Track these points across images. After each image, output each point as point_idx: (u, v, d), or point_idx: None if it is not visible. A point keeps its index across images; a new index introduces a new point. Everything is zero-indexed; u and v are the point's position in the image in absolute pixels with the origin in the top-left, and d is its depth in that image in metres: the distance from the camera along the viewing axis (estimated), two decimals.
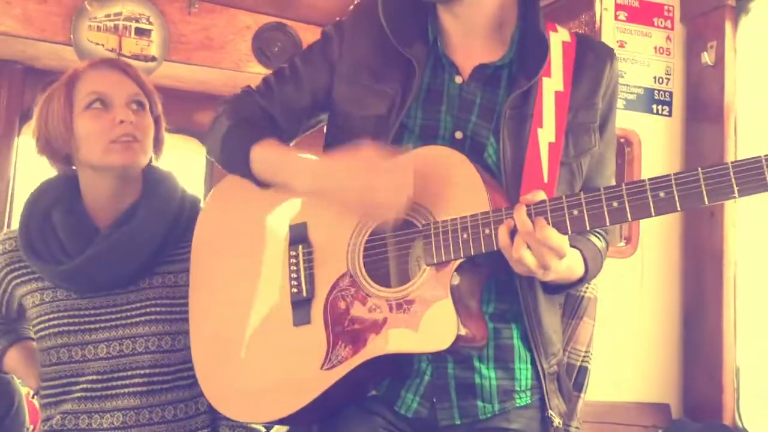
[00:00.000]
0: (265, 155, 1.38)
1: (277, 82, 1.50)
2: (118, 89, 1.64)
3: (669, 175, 1.13)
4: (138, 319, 1.62)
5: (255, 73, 3.53)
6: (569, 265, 1.27)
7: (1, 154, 3.56)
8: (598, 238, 1.43)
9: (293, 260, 1.38)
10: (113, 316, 1.62)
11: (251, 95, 1.52)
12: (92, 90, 1.61)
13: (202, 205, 1.73)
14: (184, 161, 4.24)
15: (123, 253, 1.60)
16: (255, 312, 1.42)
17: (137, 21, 3.32)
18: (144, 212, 1.64)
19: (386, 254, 1.33)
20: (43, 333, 1.64)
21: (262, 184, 1.41)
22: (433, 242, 1.25)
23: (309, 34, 3.59)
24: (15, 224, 3.63)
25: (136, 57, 3.33)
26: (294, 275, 1.37)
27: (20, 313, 1.74)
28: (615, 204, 1.16)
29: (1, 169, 3.56)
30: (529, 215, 1.19)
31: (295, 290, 1.37)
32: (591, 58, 1.38)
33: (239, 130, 1.43)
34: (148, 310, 1.62)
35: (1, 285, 1.72)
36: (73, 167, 1.69)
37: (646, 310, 2.58)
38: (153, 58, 3.36)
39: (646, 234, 2.47)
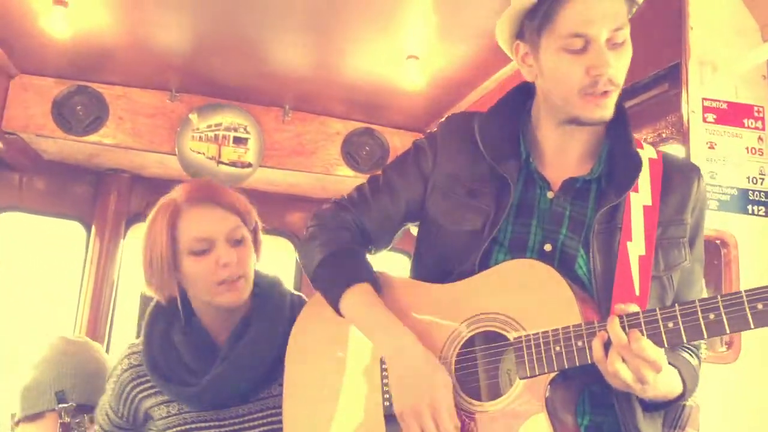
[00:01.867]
0: (352, 307, 1.43)
1: (371, 193, 1.56)
2: (219, 227, 1.69)
3: (767, 287, 1.11)
4: (260, 429, 1.68)
5: (343, 176, 3.67)
6: (667, 381, 1.24)
7: (108, 257, 3.78)
8: (691, 355, 1.39)
9: (385, 373, 1.40)
10: (236, 427, 1.69)
11: (344, 210, 1.57)
12: (195, 236, 1.67)
13: None
14: (275, 260, 4.38)
15: (245, 369, 1.67)
16: (347, 424, 1.44)
17: (235, 130, 3.54)
18: (259, 324, 1.71)
19: (476, 367, 1.34)
20: None
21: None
22: (525, 355, 1.25)
23: (396, 138, 3.72)
24: (118, 324, 3.81)
25: (233, 164, 3.53)
26: (386, 388, 1.39)
27: (146, 419, 1.84)
28: (711, 316, 1.14)
29: (108, 271, 3.77)
30: (623, 327, 1.18)
31: (387, 404, 1.38)
32: (678, 176, 1.39)
33: (332, 264, 1.48)
34: (269, 419, 1.68)
35: (128, 398, 1.83)
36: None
37: (751, 417, 2.43)
38: (249, 165, 3.55)
39: (748, 338, 2.36)
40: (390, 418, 1.37)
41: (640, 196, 1.34)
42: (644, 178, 1.36)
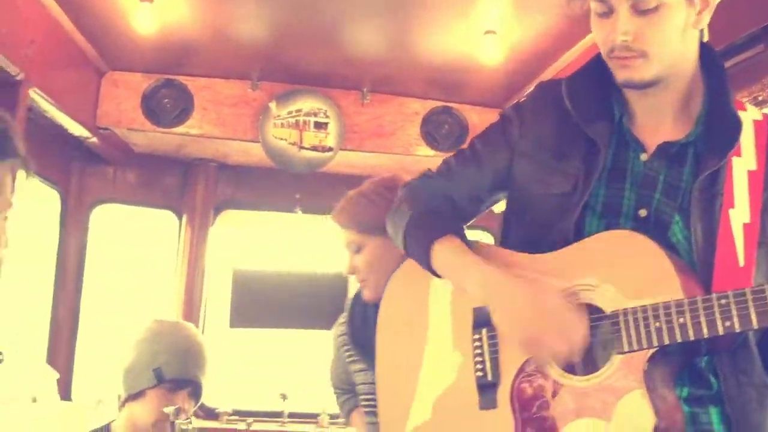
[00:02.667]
0: (443, 254, 1.42)
1: (458, 164, 1.56)
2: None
3: None
4: None
5: (423, 155, 3.67)
6: None
7: (199, 243, 3.91)
8: None
9: (477, 343, 1.40)
10: None
11: (432, 179, 1.58)
12: None
13: None
14: None
15: None
16: (440, 394, 1.45)
17: (315, 115, 3.59)
18: None
19: None
20: (367, 409, 1.95)
21: (440, 277, 1.46)
22: (623, 330, 1.23)
23: (474, 116, 3.69)
24: (211, 309, 3.94)
25: (315, 148, 3.58)
26: (479, 359, 1.39)
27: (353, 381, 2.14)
28: None
29: (199, 257, 3.90)
30: (728, 305, 1.14)
31: (480, 374, 1.38)
32: None
33: (421, 222, 1.49)
34: None
35: (341, 359, 2.16)
36: None
37: None
38: (330, 149, 3.60)
39: None
40: (483, 387, 1.37)
41: (744, 160, 1.29)
42: (748, 141, 1.31)
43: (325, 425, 3.87)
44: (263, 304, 3.89)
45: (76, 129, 3.29)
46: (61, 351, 3.65)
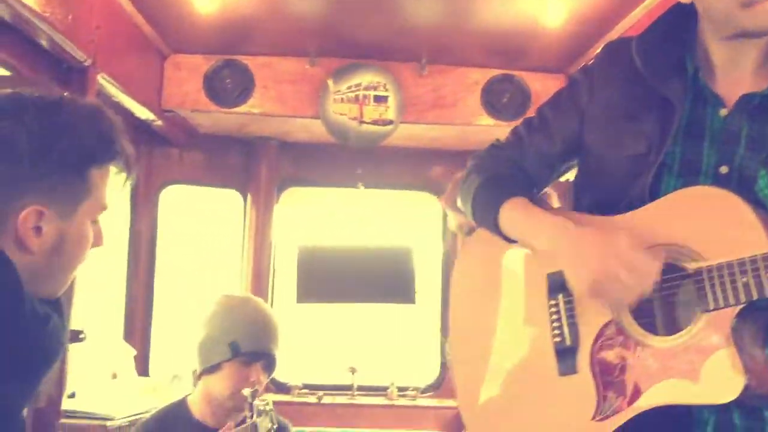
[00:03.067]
0: (511, 214, 1.41)
1: (526, 132, 1.54)
2: None
3: None
4: None
5: (485, 125, 3.62)
6: None
7: (265, 221, 3.97)
8: None
9: (553, 309, 1.38)
10: None
11: (500, 148, 1.57)
12: None
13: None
14: (420, 216, 4.43)
15: None
16: (517, 361, 1.44)
17: (375, 89, 3.57)
18: None
19: (651, 301, 1.29)
20: None
21: (509, 240, 1.44)
22: (707, 287, 1.19)
23: (537, 83, 3.61)
24: (278, 285, 3.99)
25: (375, 122, 3.57)
26: (556, 324, 1.37)
27: None
28: None
29: (265, 234, 3.96)
30: None
31: (558, 339, 1.37)
32: None
33: (489, 186, 1.48)
34: None
35: None
36: None
37: None
38: (390, 122, 3.58)
39: None
40: (562, 352, 1.35)
41: None
42: None
43: (394, 398, 3.90)
44: (329, 279, 3.92)
45: (142, 112, 3.36)
46: (136, 328, 3.77)
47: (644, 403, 1.24)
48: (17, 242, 1.15)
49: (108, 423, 2.71)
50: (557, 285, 1.38)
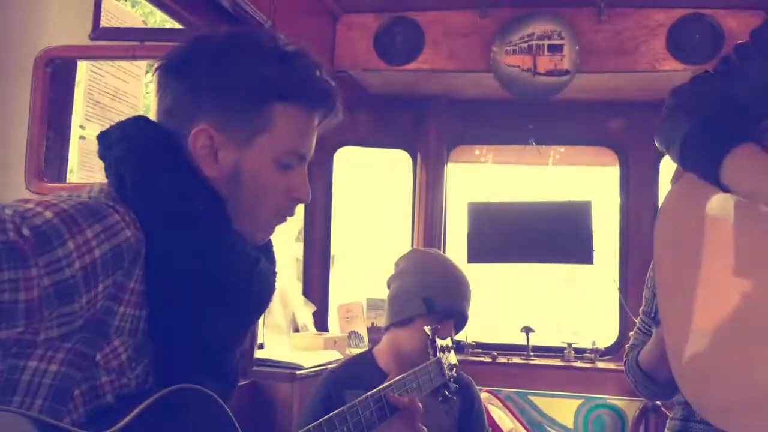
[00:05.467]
0: (743, 162, 1.25)
1: (739, 58, 1.37)
2: None
3: None
4: None
5: (671, 70, 3.35)
6: None
7: (435, 181, 3.94)
8: None
9: None
10: None
11: (707, 81, 1.40)
12: None
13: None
14: (598, 173, 4.23)
15: None
16: (749, 316, 1.29)
17: (549, 38, 3.41)
18: None
19: None
20: None
21: (728, 191, 1.29)
22: None
23: (731, 20, 3.28)
24: (450, 250, 3.97)
25: (550, 73, 3.42)
26: None
27: None
28: None
29: (436, 194, 3.93)
30: None
31: None
32: None
33: (706, 129, 1.32)
34: None
35: None
36: None
37: None
38: (566, 72, 3.41)
39: None
40: None
41: None
42: None
43: (571, 359, 3.78)
44: (502, 237, 3.84)
45: None
46: (315, 286, 3.89)
47: None
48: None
49: (297, 372, 2.81)
50: None
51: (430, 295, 2.24)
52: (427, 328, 2.11)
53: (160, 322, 1.09)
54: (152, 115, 1.24)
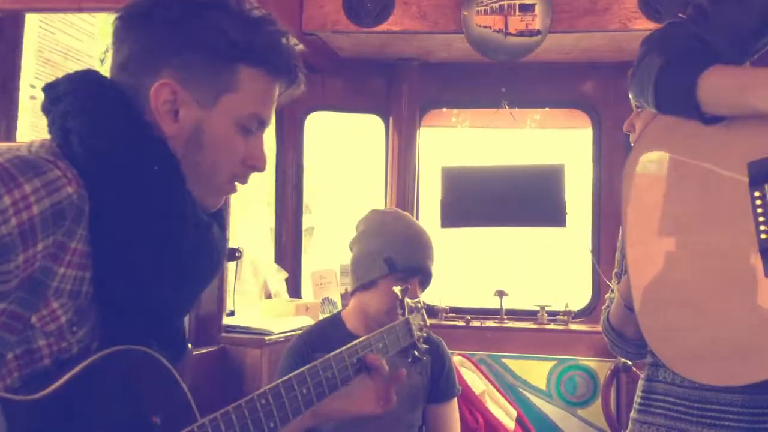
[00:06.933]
0: (717, 81, 1.23)
1: (710, 3, 1.34)
2: None
3: None
4: None
5: (643, 29, 3.30)
6: None
7: (407, 146, 3.90)
8: None
9: (759, 202, 1.21)
10: None
11: (679, 26, 1.39)
12: None
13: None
14: (570, 135, 4.21)
15: None
16: (709, 263, 1.28)
17: None
18: None
19: None
20: None
21: (709, 120, 1.27)
22: None
23: None
24: (423, 214, 3.94)
25: (521, 33, 3.37)
26: (762, 218, 1.20)
27: None
28: None
29: (408, 158, 3.90)
30: None
31: (764, 236, 1.19)
32: None
33: (676, 64, 1.31)
34: None
35: None
36: None
37: None
38: (538, 32, 3.36)
39: None
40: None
41: None
42: None
43: (544, 322, 3.79)
44: (474, 201, 3.81)
45: None
46: (287, 252, 3.86)
47: None
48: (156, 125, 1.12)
49: (266, 338, 2.79)
50: (761, 174, 1.20)
51: (391, 255, 2.21)
52: (396, 288, 2.08)
53: (105, 285, 1.05)
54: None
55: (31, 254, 0.94)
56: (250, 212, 3.90)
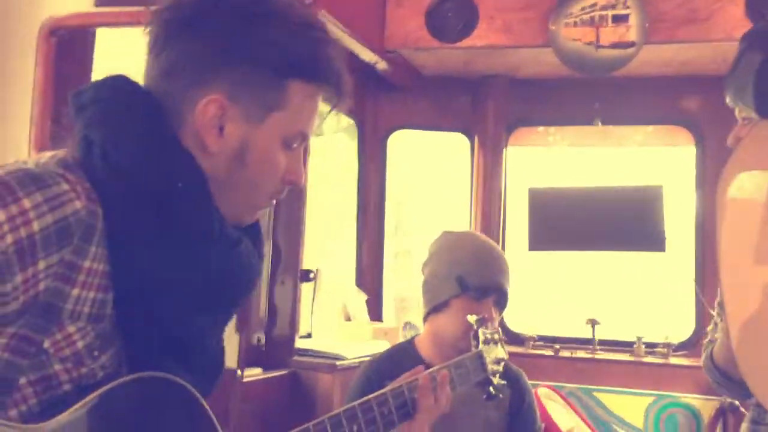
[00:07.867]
0: None
1: None
2: None
3: None
4: None
5: None
6: None
7: (493, 165, 3.75)
8: None
9: None
10: None
11: None
12: None
13: None
14: (670, 154, 3.94)
15: None
16: None
17: (613, 7, 3.17)
18: None
19: None
20: None
21: None
22: None
23: None
24: (510, 237, 3.78)
25: (615, 45, 3.17)
26: None
27: None
28: None
29: (493, 179, 3.74)
30: None
31: None
32: None
33: None
34: None
35: None
36: None
37: None
38: (632, 44, 3.16)
39: None
40: None
41: None
42: None
43: (641, 354, 3.52)
44: (564, 224, 3.61)
45: (365, 54, 3.29)
46: (368, 274, 3.77)
47: None
48: (196, 139, 1.04)
49: (338, 362, 2.70)
50: None
51: (461, 273, 2.08)
52: (471, 318, 1.95)
53: (125, 307, 0.98)
54: None
55: (31, 274, 0.87)
56: (335, 232, 3.84)
